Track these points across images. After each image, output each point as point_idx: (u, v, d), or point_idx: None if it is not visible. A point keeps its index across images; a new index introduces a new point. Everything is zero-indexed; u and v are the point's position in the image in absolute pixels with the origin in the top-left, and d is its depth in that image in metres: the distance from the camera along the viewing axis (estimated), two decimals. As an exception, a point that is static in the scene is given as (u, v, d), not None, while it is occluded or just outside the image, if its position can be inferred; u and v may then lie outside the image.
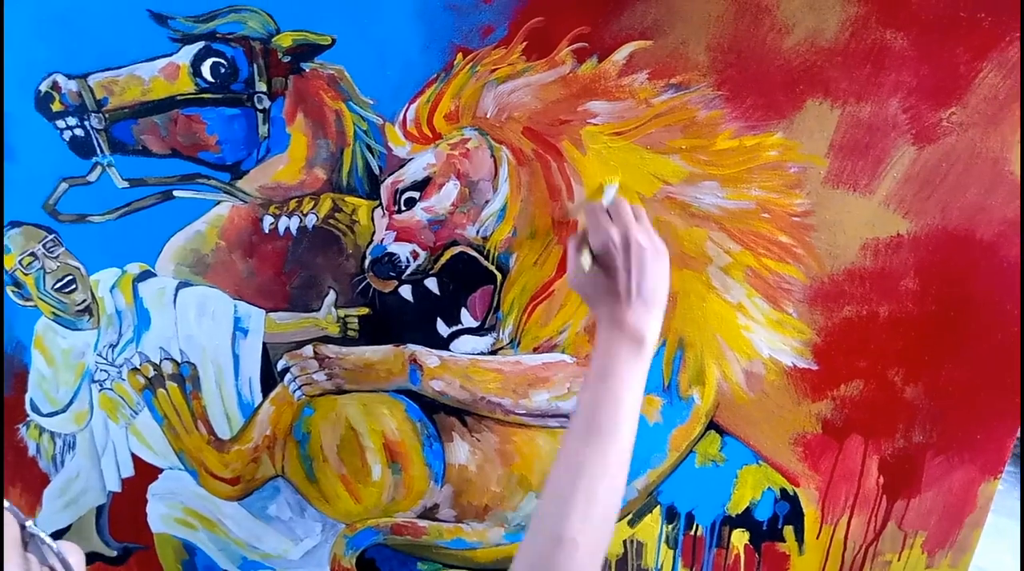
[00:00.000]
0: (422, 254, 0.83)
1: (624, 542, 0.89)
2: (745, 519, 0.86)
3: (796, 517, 0.85)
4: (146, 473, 0.97)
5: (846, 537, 0.85)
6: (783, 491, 0.84)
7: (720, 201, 0.76)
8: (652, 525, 0.88)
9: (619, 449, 0.59)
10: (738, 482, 0.85)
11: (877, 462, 0.82)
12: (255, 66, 0.79)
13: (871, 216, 0.74)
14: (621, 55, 0.73)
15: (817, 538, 0.86)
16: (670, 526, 0.87)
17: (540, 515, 0.58)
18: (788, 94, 0.71)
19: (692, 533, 0.87)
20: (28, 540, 0.46)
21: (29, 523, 0.46)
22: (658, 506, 0.87)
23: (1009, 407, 0.77)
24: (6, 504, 0.45)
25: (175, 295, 0.89)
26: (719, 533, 0.87)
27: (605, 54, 0.73)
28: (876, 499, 0.83)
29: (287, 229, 0.84)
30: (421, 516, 0.92)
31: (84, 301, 0.92)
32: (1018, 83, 0.68)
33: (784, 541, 0.86)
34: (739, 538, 0.87)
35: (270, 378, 0.91)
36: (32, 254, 0.90)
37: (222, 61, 0.79)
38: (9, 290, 0.93)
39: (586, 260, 0.64)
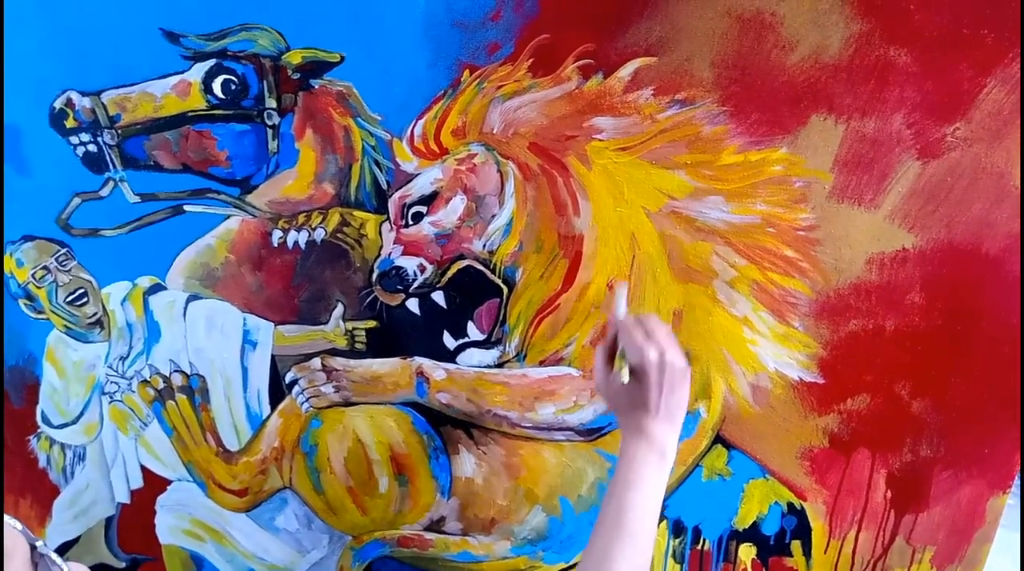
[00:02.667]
0: (429, 268, 0.83)
1: (630, 556, 0.89)
2: (752, 533, 0.86)
3: (803, 532, 0.85)
4: (155, 485, 0.98)
5: (854, 552, 0.85)
6: (790, 505, 0.84)
7: (725, 216, 0.76)
8: (659, 539, 0.87)
9: (643, 543, 0.64)
10: (745, 496, 0.84)
11: (884, 476, 0.81)
12: (265, 83, 0.80)
13: (876, 230, 0.74)
14: (626, 71, 0.74)
15: (825, 553, 0.85)
16: (677, 540, 0.87)
17: None
18: (792, 110, 0.72)
19: (699, 547, 0.87)
20: (38, 561, 0.46)
21: (39, 543, 0.47)
22: (665, 520, 0.87)
23: (1017, 421, 0.77)
24: (18, 526, 0.46)
25: (185, 308, 0.90)
26: (726, 548, 0.86)
27: (610, 70, 0.74)
28: (884, 514, 0.83)
29: (296, 243, 0.85)
30: (427, 528, 0.92)
31: (95, 314, 0.93)
32: (1022, 99, 0.68)
33: (792, 556, 0.86)
34: (746, 553, 0.86)
35: (278, 390, 0.91)
36: (45, 268, 0.92)
37: (233, 78, 0.80)
38: (21, 303, 0.94)
39: (626, 375, 0.68)
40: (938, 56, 0.68)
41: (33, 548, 0.47)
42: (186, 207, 0.86)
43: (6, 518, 0.46)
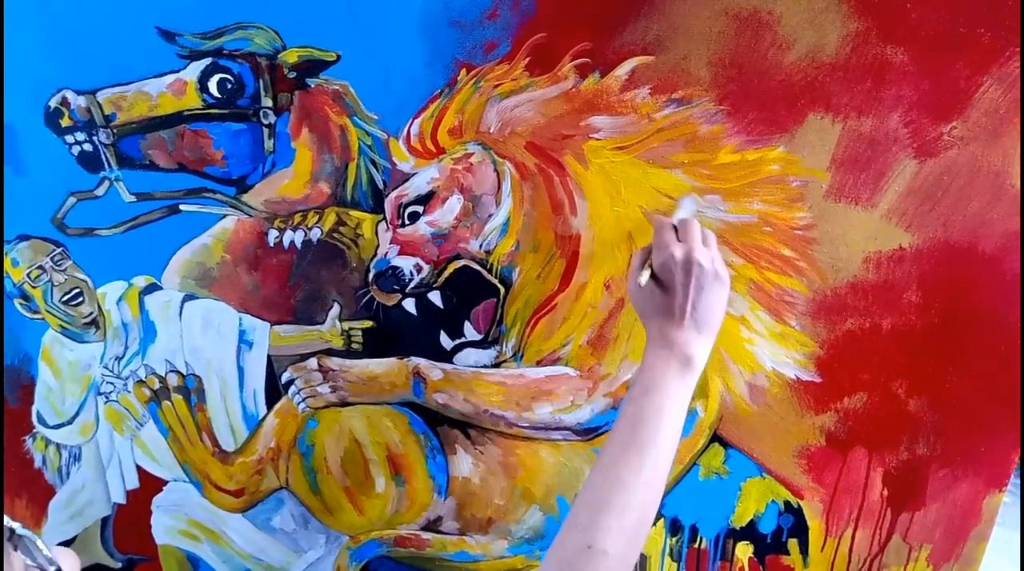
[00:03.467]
0: (426, 267, 0.83)
1: (628, 555, 0.89)
2: (749, 532, 0.86)
3: (800, 530, 0.85)
4: (151, 485, 0.97)
5: (851, 550, 0.85)
6: (787, 504, 0.84)
7: (722, 215, 0.76)
8: (656, 538, 0.87)
9: (658, 464, 0.59)
10: (742, 495, 0.84)
11: (881, 475, 0.82)
12: (261, 82, 0.80)
13: (873, 229, 0.74)
14: (623, 70, 0.74)
15: (822, 551, 0.85)
16: (674, 539, 0.87)
17: (573, 522, 0.58)
18: (789, 109, 0.72)
19: (696, 546, 0.87)
20: (17, 543, 0.46)
21: (17, 526, 0.46)
22: (662, 518, 0.87)
23: (1013, 420, 0.77)
24: None
25: (181, 308, 0.90)
26: (723, 546, 0.87)
27: (607, 69, 0.74)
28: (880, 512, 0.83)
29: (292, 243, 0.85)
30: (425, 528, 0.92)
31: (91, 314, 0.93)
32: (1019, 97, 0.68)
33: (788, 554, 0.86)
34: (743, 551, 0.86)
35: (274, 390, 0.91)
36: (40, 267, 0.91)
37: (229, 77, 0.80)
38: (17, 303, 0.94)
39: (644, 276, 0.64)
40: (935, 55, 0.68)
41: (12, 532, 0.46)
42: (182, 206, 0.86)
43: None
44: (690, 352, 0.63)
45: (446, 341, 0.86)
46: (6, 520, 0.46)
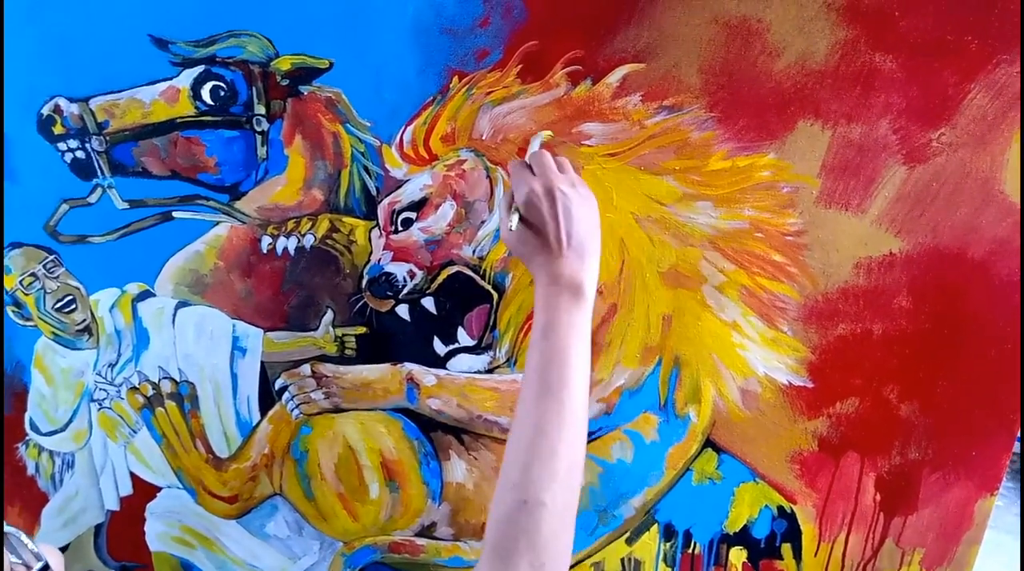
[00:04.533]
0: (419, 274, 0.83)
1: (622, 560, 0.89)
2: (743, 537, 0.86)
3: (794, 535, 0.85)
4: (144, 492, 0.97)
5: (844, 554, 0.85)
6: (780, 509, 0.84)
7: (714, 221, 0.76)
8: (650, 543, 0.88)
9: (573, 403, 0.58)
10: (735, 500, 0.85)
11: (874, 479, 0.82)
12: (254, 89, 0.80)
13: (864, 235, 0.74)
14: (614, 78, 0.74)
15: (815, 556, 0.86)
16: (668, 544, 0.87)
17: (504, 480, 0.57)
18: (780, 115, 0.72)
19: (690, 551, 0.87)
20: (2, 540, 0.46)
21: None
22: (655, 524, 0.87)
23: (1004, 424, 0.78)
24: None
25: (174, 315, 0.90)
26: (717, 551, 0.87)
27: (599, 77, 0.74)
28: (873, 516, 0.83)
29: (285, 249, 0.85)
30: (419, 534, 0.92)
31: (84, 321, 0.92)
32: (1006, 104, 0.68)
33: (782, 559, 0.86)
34: (737, 556, 0.87)
35: (268, 397, 0.91)
36: (33, 274, 0.91)
37: (221, 84, 0.80)
38: (9, 310, 0.94)
39: (513, 220, 0.62)
40: (923, 62, 0.69)
41: None
42: (175, 213, 0.86)
43: None
44: (578, 281, 0.61)
45: (439, 347, 0.86)
46: None
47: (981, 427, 0.78)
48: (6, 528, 0.46)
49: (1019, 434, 0.78)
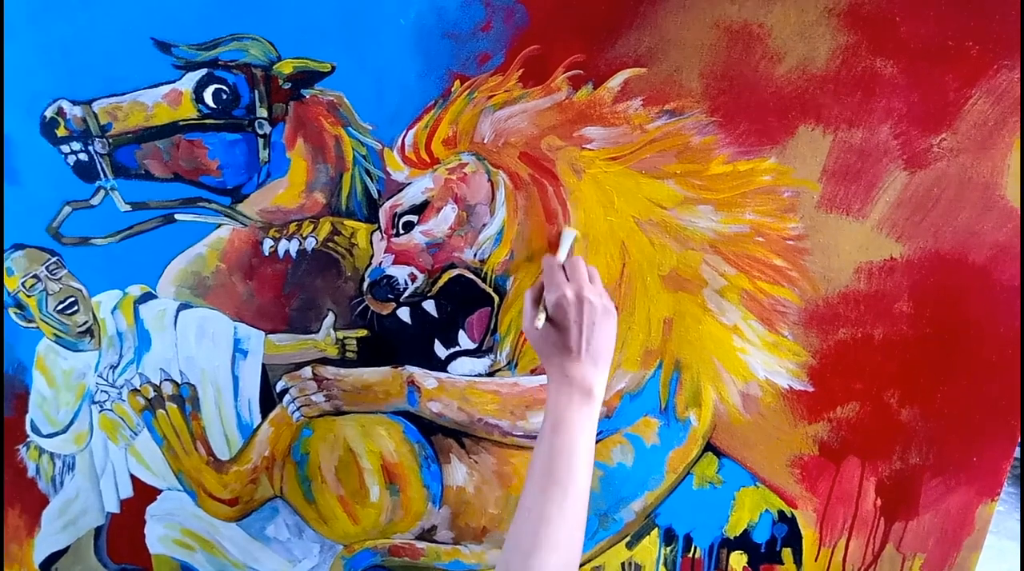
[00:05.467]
0: (420, 277, 0.83)
1: (622, 564, 0.89)
2: (743, 541, 0.86)
3: (794, 539, 0.85)
4: (145, 494, 0.97)
5: (845, 559, 0.85)
6: (781, 513, 0.84)
7: (715, 225, 0.76)
8: (650, 547, 0.87)
9: (577, 496, 0.62)
10: (736, 504, 0.85)
11: (874, 484, 0.82)
12: (256, 92, 0.80)
13: (864, 240, 0.74)
14: (616, 82, 0.74)
15: (816, 560, 0.85)
16: (668, 548, 0.87)
17: (504, 567, 0.60)
18: (781, 120, 0.72)
19: (690, 555, 0.87)
20: None
21: None
22: (656, 528, 0.87)
23: (1004, 429, 0.78)
24: None
25: (176, 317, 0.90)
26: (717, 555, 0.87)
27: (600, 81, 0.74)
28: (874, 521, 0.83)
29: (287, 252, 0.85)
30: (419, 538, 0.92)
31: (86, 323, 0.93)
32: (1007, 110, 0.69)
33: (782, 563, 0.86)
34: (737, 560, 0.86)
35: (269, 399, 0.91)
36: (35, 276, 0.91)
37: (224, 88, 0.80)
38: (11, 312, 0.94)
39: (541, 318, 0.68)
40: (924, 68, 0.69)
41: None
42: (177, 216, 0.86)
43: None
44: (589, 384, 0.66)
45: (440, 350, 0.86)
46: None
47: (982, 432, 0.78)
48: None
49: (1020, 439, 0.78)
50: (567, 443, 0.63)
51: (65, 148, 0.85)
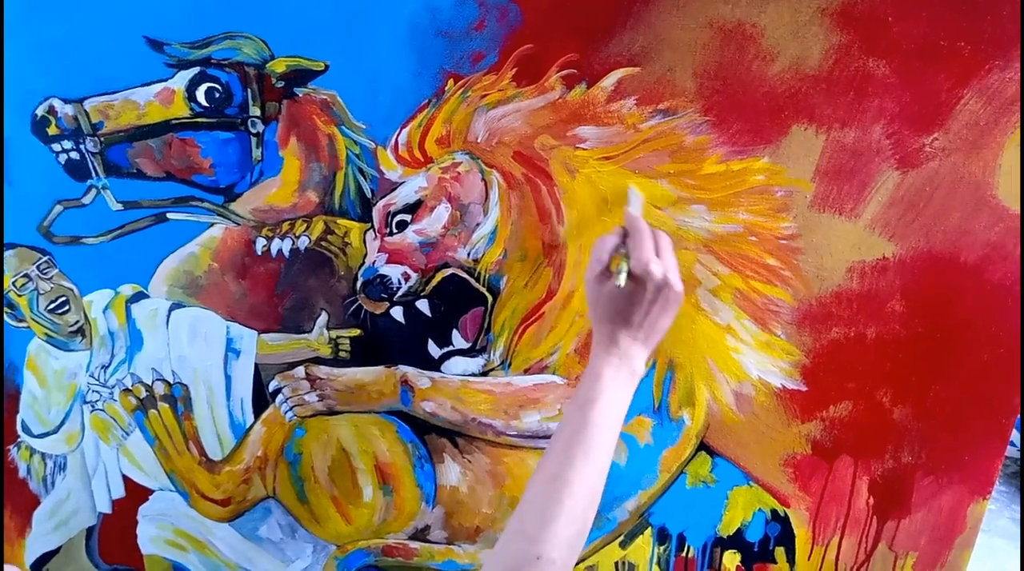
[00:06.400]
0: (413, 276, 0.83)
1: (616, 564, 0.89)
2: (736, 540, 0.86)
3: (787, 538, 0.85)
4: (137, 494, 0.97)
5: (837, 558, 0.85)
6: (774, 512, 0.84)
7: (708, 224, 0.77)
8: (643, 547, 0.88)
9: (601, 469, 0.60)
10: (729, 503, 0.85)
11: (867, 483, 0.82)
12: (249, 91, 0.80)
13: (857, 239, 0.75)
14: (609, 81, 0.74)
15: (808, 559, 0.86)
16: (661, 548, 0.87)
17: (519, 530, 0.58)
18: (774, 120, 0.72)
19: (684, 555, 0.87)
20: None
21: None
22: (649, 527, 0.87)
23: (996, 428, 0.78)
24: None
25: (168, 316, 0.90)
26: (710, 554, 0.87)
27: (594, 80, 0.74)
28: (866, 520, 0.83)
29: (280, 251, 0.85)
30: (412, 538, 0.92)
31: (77, 322, 0.92)
32: (999, 110, 0.69)
33: (776, 562, 0.86)
34: (730, 559, 0.87)
35: (262, 399, 0.91)
36: (26, 275, 0.91)
37: (217, 86, 0.80)
38: (2, 311, 0.93)
39: (622, 279, 0.63)
40: (916, 68, 0.69)
41: None
42: (169, 215, 0.86)
43: None
44: (638, 365, 0.64)
45: (434, 349, 0.86)
46: None
47: (974, 431, 0.79)
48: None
49: (1019, 439, 0.79)
50: (604, 415, 0.61)
51: (56, 147, 0.84)
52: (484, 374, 0.85)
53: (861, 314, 0.77)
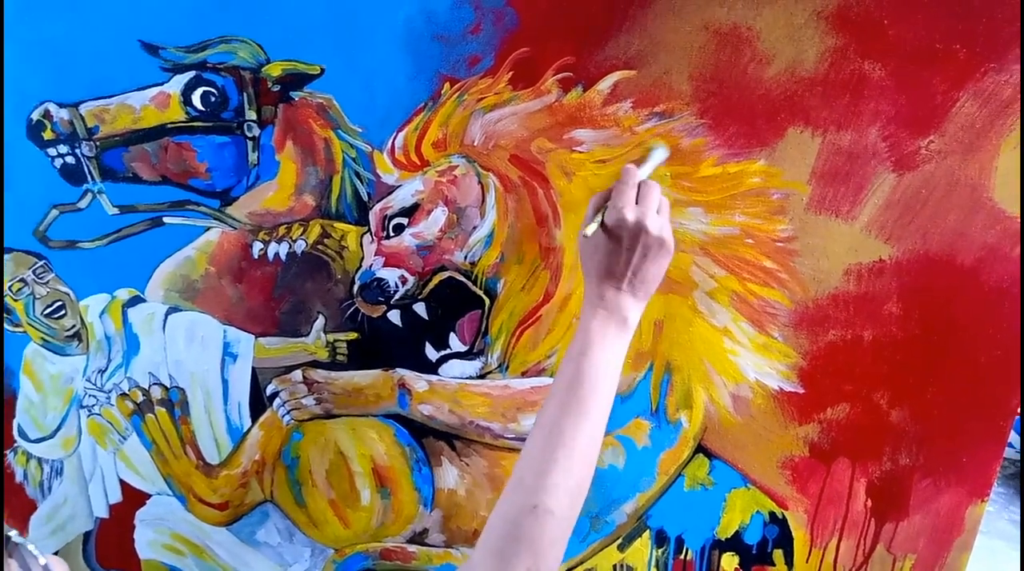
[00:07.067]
0: (410, 279, 0.83)
1: (614, 566, 0.89)
2: (734, 543, 0.86)
3: (785, 540, 0.85)
4: (134, 499, 0.97)
5: (836, 560, 0.85)
6: (772, 514, 0.84)
7: (705, 227, 0.77)
8: (642, 549, 0.87)
9: (596, 421, 0.60)
10: (727, 506, 0.85)
11: (865, 485, 0.82)
12: (245, 95, 0.80)
13: (853, 241, 0.75)
14: (605, 84, 0.74)
15: (807, 561, 0.86)
16: (660, 550, 0.87)
17: (518, 483, 0.58)
18: (770, 122, 0.72)
19: (682, 557, 0.87)
20: (12, 550, 0.47)
21: (13, 533, 0.47)
22: (647, 530, 0.87)
23: (993, 430, 0.78)
24: None
25: (164, 320, 0.90)
26: (709, 557, 0.87)
27: (590, 83, 0.74)
28: (864, 522, 0.83)
29: (276, 255, 0.85)
30: (410, 541, 0.92)
31: (73, 326, 0.92)
32: (995, 112, 0.69)
33: (774, 565, 0.86)
34: (729, 562, 0.87)
35: (259, 403, 0.91)
36: (22, 280, 0.90)
37: (212, 90, 0.80)
38: (-2, 316, 0.93)
39: (592, 227, 0.64)
40: (912, 70, 0.69)
41: (8, 539, 0.47)
42: (165, 219, 0.86)
43: None
44: (626, 314, 0.63)
45: (431, 353, 0.85)
46: (6, 528, 0.47)
47: (971, 433, 0.79)
48: (18, 539, 0.47)
49: (1017, 440, 0.79)
50: (594, 367, 0.61)
51: (52, 151, 0.84)
52: (481, 377, 0.85)
53: (858, 316, 0.77)
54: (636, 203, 0.64)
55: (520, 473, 0.59)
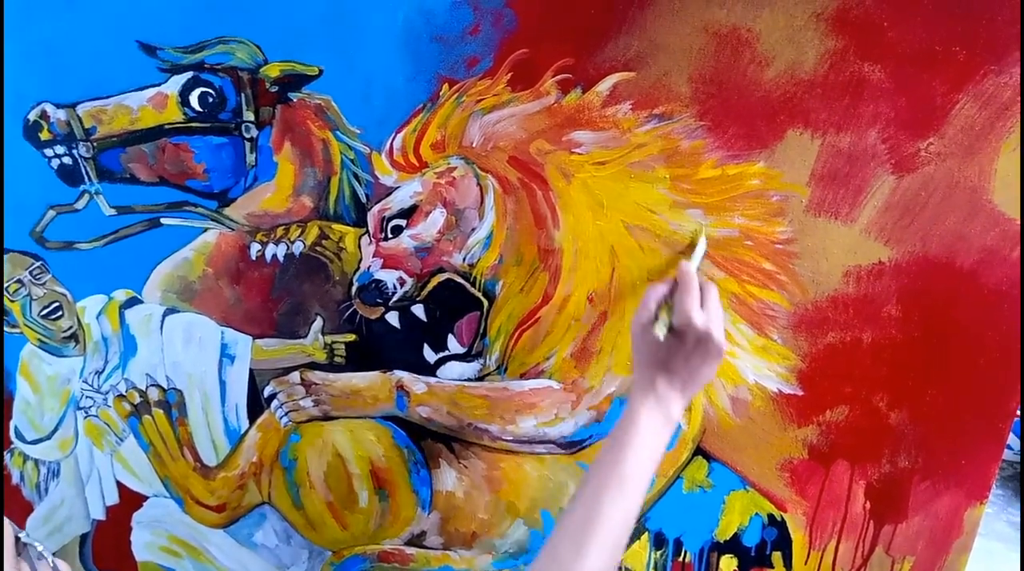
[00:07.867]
0: (409, 281, 0.83)
1: (612, 569, 0.88)
2: (733, 545, 0.86)
3: (784, 543, 0.85)
4: (131, 501, 0.96)
5: (834, 563, 0.85)
6: (771, 517, 0.84)
7: (704, 229, 0.76)
8: (640, 552, 0.87)
9: (632, 506, 0.63)
10: (725, 508, 0.84)
11: (863, 487, 0.82)
12: (243, 96, 0.80)
13: (853, 244, 0.74)
14: (604, 86, 0.74)
15: (805, 564, 0.86)
16: (658, 553, 0.87)
17: (552, 556, 0.61)
18: (769, 124, 0.72)
19: (680, 560, 0.87)
20: (21, 550, 0.47)
21: (22, 534, 0.48)
22: (646, 532, 0.87)
23: (992, 432, 0.78)
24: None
25: (162, 322, 0.89)
26: (707, 559, 0.86)
27: (589, 85, 0.74)
28: (863, 524, 0.83)
29: (274, 256, 0.85)
30: (408, 543, 0.91)
31: (70, 328, 0.92)
32: (995, 114, 0.69)
33: (772, 567, 0.86)
34: (727, 564, 0.86)
35: (256, 405, 0.90)
36: (19, 281, 0.90)
37: (210, 91, 0.80)
38: (-5, 317, 0.93)
39: (662, 330, 0.66)
40: (911, 72, 0.69)
41: (17, 539, 0.48)
42: (163, 220, 0.86)
43: None
44: (674, 410, 0.67)
45: (429, 354, 0.85)
46: (14, 529, 0.48)
47: (970, 435, 0.79)
48: (26, 540, 0.48)
49: (1016, 442, 0.79)
50: (636, 455, 0.64)
51: (49, 151, 0.84)
52: (480, 379, 0.85)
53: (857, 318, 0.76)
54: (701, 306, 0.67)
55: (558, 548, 0.62)
